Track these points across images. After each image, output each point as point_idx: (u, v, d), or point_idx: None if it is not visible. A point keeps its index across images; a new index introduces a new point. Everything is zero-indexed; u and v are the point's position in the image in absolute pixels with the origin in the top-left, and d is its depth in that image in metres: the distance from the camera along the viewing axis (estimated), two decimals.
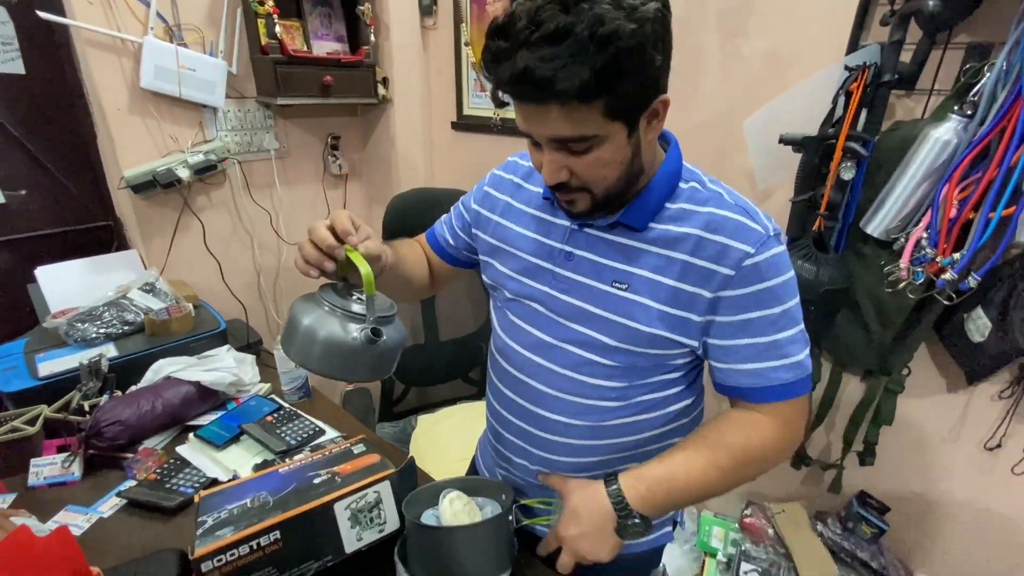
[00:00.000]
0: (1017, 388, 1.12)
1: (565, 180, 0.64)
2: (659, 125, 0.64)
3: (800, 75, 1.17)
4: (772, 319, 0.65)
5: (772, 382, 0.67)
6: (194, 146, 1.53)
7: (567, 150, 0.61)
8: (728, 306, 0.66)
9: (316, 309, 0.65)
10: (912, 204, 1.00)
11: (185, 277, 1.58)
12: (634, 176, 0.66)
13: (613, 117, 0.58)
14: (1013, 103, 0.87)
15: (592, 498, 0.71)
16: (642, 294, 0.68)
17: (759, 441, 0.69)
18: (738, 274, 0.64)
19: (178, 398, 1.17)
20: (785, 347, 0.66)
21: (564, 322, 0.75)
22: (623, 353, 0.71)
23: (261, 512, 0.77)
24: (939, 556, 1.36)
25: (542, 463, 0.83)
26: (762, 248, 0.64)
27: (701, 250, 0.66)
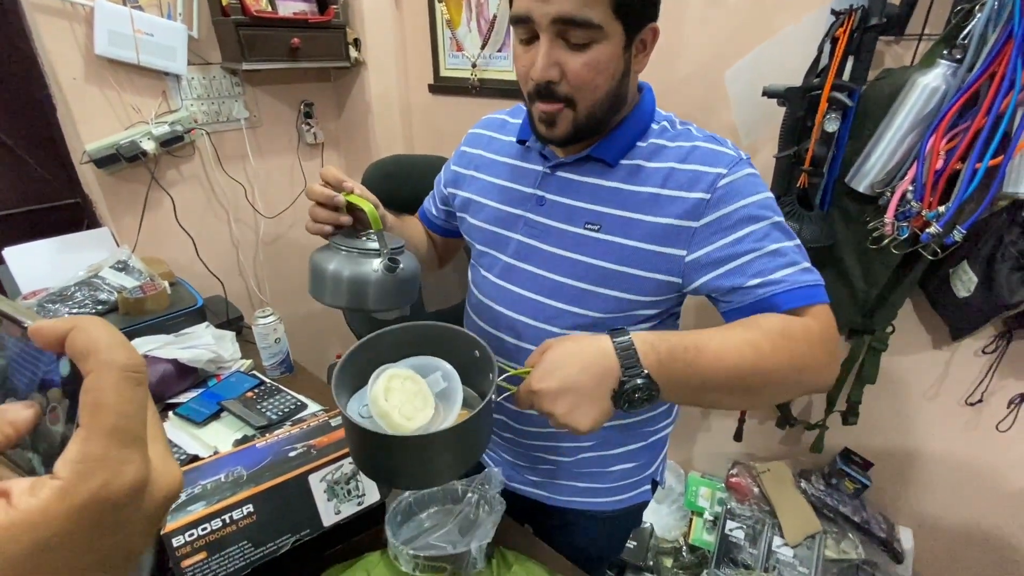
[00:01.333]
0: (1001, 343, 1.11)
1: (556, 79, 0.61)
2: (645, 59, 0.65)
3: (787, 21, 1.11)
4: (764, 231, 0.62)
5: (793, 285, 0.59)
6: (158, 117, 1.47)
7: (565, 41, 0.60)
8: (712, 231, 0.63)
9: (335, 255, 0.69)
10: (899, 156, 0.97)
11: (159, 254, 1.54)
12: (618, 102, 0.66)
13: (618, 13, 0.58)
14: (1004, 45, 0.83)
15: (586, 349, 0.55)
16: (615, 233, 0.68)
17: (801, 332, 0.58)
18: (714, 195, 0.63)
19: (155, 376, 1.15)
20: (789, 254, 0.61)
21: (537, 271, 0.74)
22: (599, 298, 0.70)
23: (235, 486, 0.76)
24: (921, 509, 1.38)
25: (520, 419, 0.83)
26: (735, 168, 0.63)
27: (672, 180, 0.65)
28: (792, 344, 0.57)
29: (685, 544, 1.55)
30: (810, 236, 1.01)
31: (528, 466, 0.88)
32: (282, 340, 1.27)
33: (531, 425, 0.82)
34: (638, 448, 0.84)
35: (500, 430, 0.88)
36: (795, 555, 1.36)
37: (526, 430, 0.83)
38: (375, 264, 0.67)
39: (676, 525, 1.59)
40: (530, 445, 0.85)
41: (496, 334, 0.81)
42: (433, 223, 0.97)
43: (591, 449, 0.83)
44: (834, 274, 1.14)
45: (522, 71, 0.64)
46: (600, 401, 0.54)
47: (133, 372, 0.23)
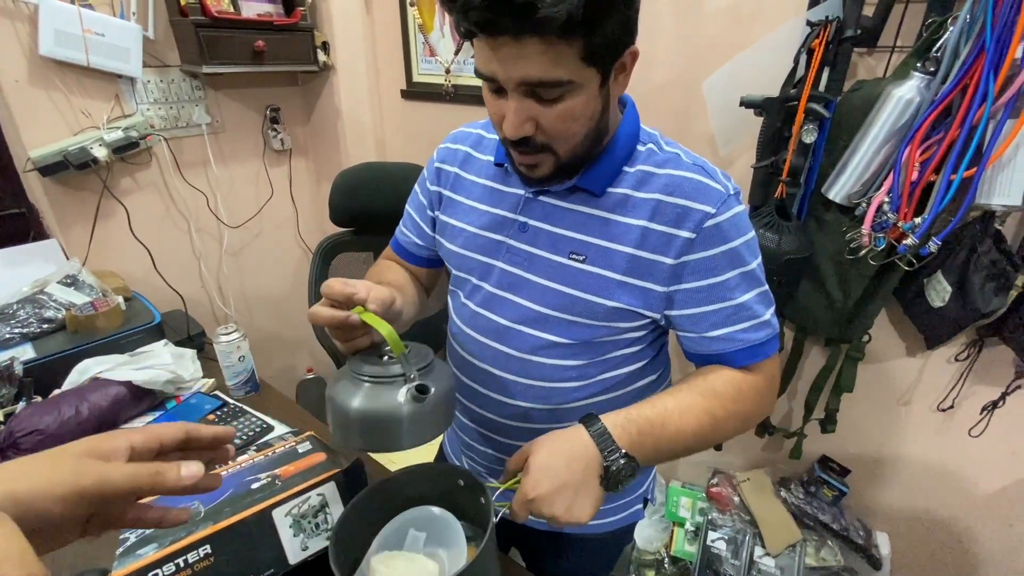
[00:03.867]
0: (972, 350, 1.13)
1: (530, 134, 0.58)
2: (625, 81, 0.61)
3: (763, 31, 1.11)
4: (736, 281, 0.63)
5: (744, 344, 0.65)
6: (111, 122, 1.38)
7: (535, 97, 0.55)
8: (692, 271, 0.63)
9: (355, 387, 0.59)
10: (874, 167, 0.97)
11: (113, 267, 1.45)
12: (600, 135, 0.62)
13: (589, 61, 0.53)
14: (976, 59, 0.84)
15: (567, 445, 0.59)
16: (600, 265, 0.65)
17: (750, 394, 0.66)
18: (699, 236, 0.61)
19: (107, 400, 1.07)
20: (752, 308, 0.64)
21: (519, 300, 0.71)
22: (582, 328, 0.68)
23: (190, 524, 0.70)
24: (897, 514, 1.40)
25: (502, 449, 0.80)
26: (723, 207, 0.61)
27: (660, 214, 0.63)
28: (742, 406, 0.66)
29: (667, 556, 1.53)
30: (788, 247, 1.01)
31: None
32: (247, 357, 1.20)
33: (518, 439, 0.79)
34: None
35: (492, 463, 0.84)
36: (776, 565, 1.36)
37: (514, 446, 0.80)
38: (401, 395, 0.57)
39: (658, 536, 1.58)
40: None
41: (481, 366, 0.77)
42: (417, 256, 0.88)
43: None
44: (811, 284, 1.14)
45: (494, 118, 0.60)
46: (592, 490, 0.58)
47: None
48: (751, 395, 0.66)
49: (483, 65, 0.55)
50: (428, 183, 0.82)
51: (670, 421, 0.62)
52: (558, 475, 0.57)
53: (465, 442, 0.86)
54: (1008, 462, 1.21)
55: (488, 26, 0.50)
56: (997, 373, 1.13)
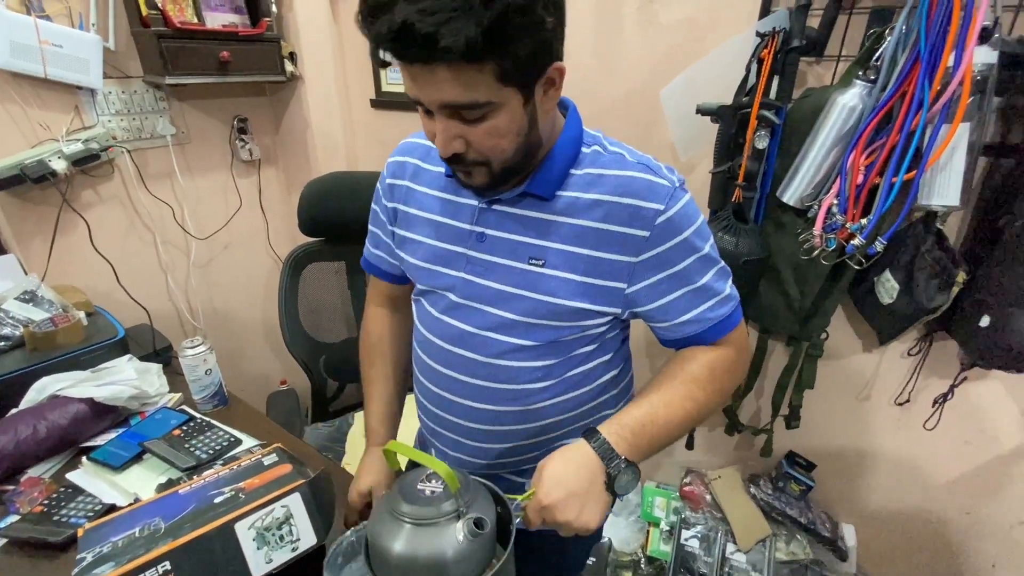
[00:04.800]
0: (924, 344, 1.17)
1: (461, 151, 0.60)
2: (556, 94, 0.62)
3: (718, 41, 1.15)
4: (694, 267, 0.67)
5: (713, 321, 0.70)
6: (70, 134, 1.36)
7: (460, 118, 0.57)
8: (652, 266, 0.66)
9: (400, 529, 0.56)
10: (824, 171, 1.01)
11: (75, 282, 1.42)
12: (533, 147, 0.64)
13: (506, 82, 0.54)
14: (912, 67, 0.88)
15: (571, 457, 0.64)
16: (560, 268, 0.67)
17: (724, 370, 0.72)
18: (653, 232, 0.64)
19: (66, 418, 1.05)
20: (713, 286, 0.69)
21: (484, 308, 0.72)
22: (547, 330, 0.70)
23: (150, 541, 0.69)
24: (862, 506, 1.44)
25: (475, 453, 0.81)
26: (671, 202, 0.64)
27: (613, 215, 0.65)
28: (719, 383, 0.71)
29: (643, 556, 1.55)
30: (746, 249, 1.04)
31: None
32: (214, 371, 1.18)
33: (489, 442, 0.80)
34: None
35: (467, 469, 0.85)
36: (748, 560, 1.39)
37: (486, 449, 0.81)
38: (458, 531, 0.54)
39: (634, 537, 1.60)
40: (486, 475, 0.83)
41: (448, 373, 0.77)
42: (392, 275, 0.89)
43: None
44: (771, 284, 1.18)
45: (428, 136, 0.62)
46: (600, 495, 0.63)
47: None
48: (725, 369, 0.72)
49: (408, 89, 0.58)
50: (384, 200, 0.83)
51: (658, 416, 0.67)
52: (568, 484, 0.62)
53: (438, 448, 0.87)
54: (962, 452, 1.26)
55: (398, 56, 0.52)
56: (947, 366, 1.18)
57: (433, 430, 0.85)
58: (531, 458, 0.80)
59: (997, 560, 1.31)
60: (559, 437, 0.79)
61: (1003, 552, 1.30)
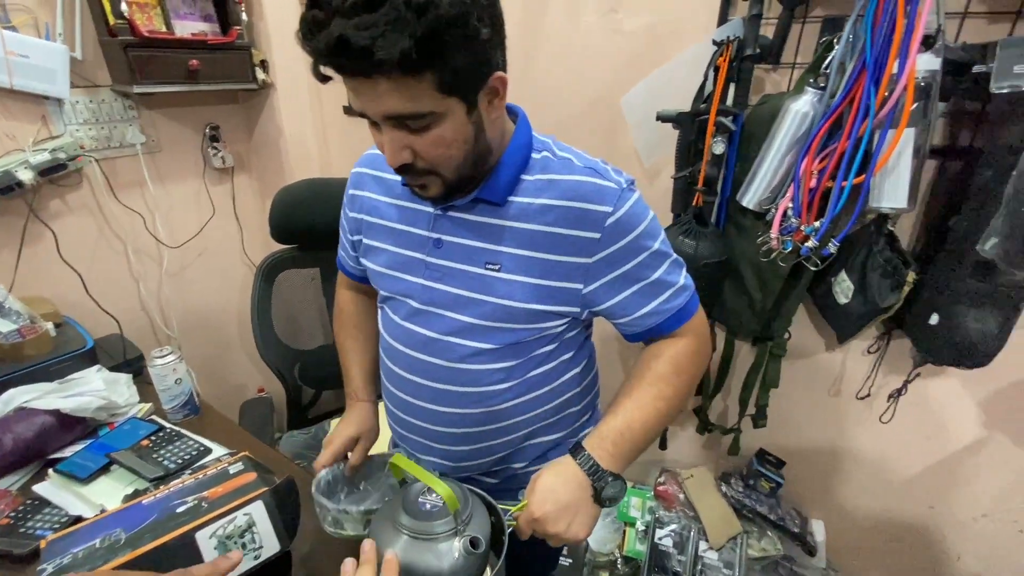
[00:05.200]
0: (882, 342, 1.21)
1: (409, 161, 0.61)
2: (500, 103, 0.64)
3: (679, 49, 1.18)
4: (646, 262, 0.69)
5: (670, 312, 0.72)
6: (37, 144, 1.35)
7: (406, 128, 0.58)
8: (605, 266, 0.68)
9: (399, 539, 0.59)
10: (780, 175, 1.04)
11: (43, 292, 1.40)
12: (482, 155, 0.65)
13: (447, 92, 0.56)
14: (859, 74, 0.92)
15: (559, 471, 0.68)
16: (515, 272, 0.69)
17: (687, 361, 0.74)
18: (604, 234, 0.66)
19: (32, 431, 1.04)
20: (666, 279, 0.71)
21: (443, 313, 0.73)
22: (506, 332, 0.72)
23: (110, 552, 0.69)
24: (829, 501, 1.47)
25: (444, 456, 0.82)
26: (619, 203, 0.66)
27: (563, 219, 0.67)
28: (685, 376, 0.73)
29: (620, 556, 1.57)
30: (706, 252, 1.07)
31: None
32: (184, 380, 1.18)
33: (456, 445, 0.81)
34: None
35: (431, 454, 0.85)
36: (720, 558, 1.41)
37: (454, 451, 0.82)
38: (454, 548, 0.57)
39: (611, 538, 1.61)
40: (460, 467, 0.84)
41: (411, 378, 0.79)
42: (362, 278, 0.91)
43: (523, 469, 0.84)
44: (734, 286, 1.20)
45: (378, 147, 0.63)
46: (587, 507, 0.67)
47: None
48: (688, 360, 0.74)
49: (352, 102, 0.59)
50: (347, 210, 0.85)
51: (634, 422, 0.70)
52: (559, 498, 0.65)
53: (408, 452, 0.88)
54: (924, 447, 1.29)
55: (338, 70, 0.54)
56: (905, 363, 1.22)
57: (402, 435, 0.86)
58: (499, 459, 0.81)
59: (962, 552, 1.35)
60: (526, 436, 0.81)
61: (966, 544, 1.33)
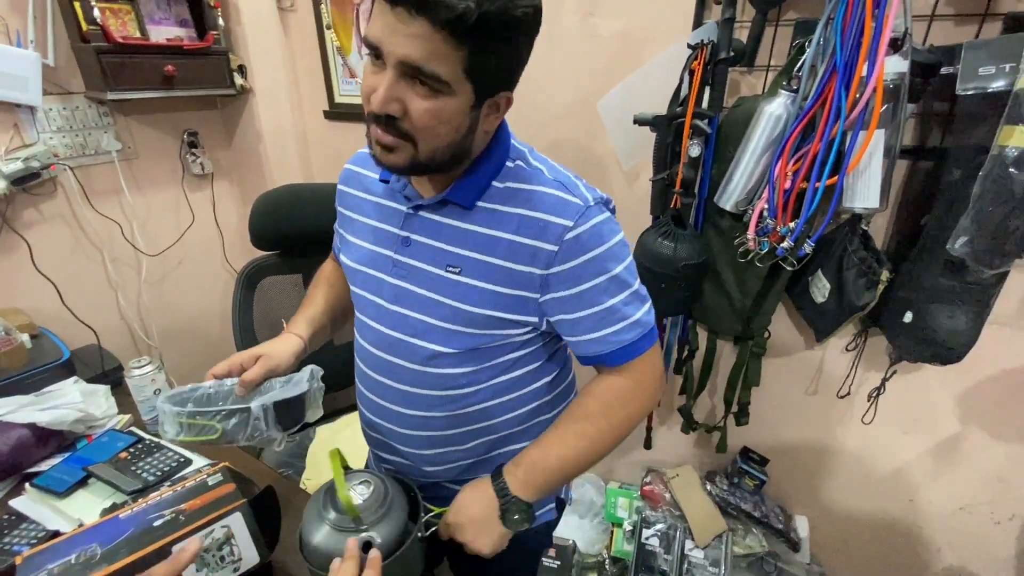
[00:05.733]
0: (860, 340, 1.22)
1: (396, 115, 0.58)
2: (496, 121, 0.66)
3: (654, 53, 1.19)
4: (603, 287, 0.67)
5: (617, 345, 0.70)
6: (9, 152, 1.32)
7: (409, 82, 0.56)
8: (559, 281, 0.67)
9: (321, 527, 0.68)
10: (756, 177, 1.05)
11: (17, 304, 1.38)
12: (461, 153, 0.65)
13: (468, 76, 0.56)
14: (830, 77, 0.93)
15: (478, 488, 0.74)
16: (475, 277, 0.69)
17: (617, 402, 0.73)
18: (561, 248, 0.65)
19: (8, 445, 1.02)
20: (621, 310, 0.69)
21: (408, 313, 0.74)
22: (465, 336, 0.71)
23: (85, 568, 0.68)
24: (813, 498, 1.49)
25: (411, 458, 0.82)
26: (581, 219, 0.65)
27: (525, 228, 0.66)
28: (613, 417, 0.73)
29: (608, 557, 1.57)
30: (684, 254, 1.07)
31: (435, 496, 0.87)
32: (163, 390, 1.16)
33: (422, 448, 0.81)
34: None
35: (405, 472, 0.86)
36: (705, 556, 1.42)
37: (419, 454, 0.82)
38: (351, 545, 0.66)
39: (598, 539, 1.62)
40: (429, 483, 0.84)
41: (378, 378, 0.79)
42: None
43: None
44: (714, 287, 1.21)
45: (366, 91, 0.60)
46: (493, 526, 0.72)
47: None
48: (619, 402, 0.73)
49: (373, 31, 0.56)
50: (337, 204, 0.86)
51: (551, 453, 0.73)
52: (469, 512, 0.73)
53: (377, 455, 0.89)
54: (901, 442, 1.32)
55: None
56: (883, 360, 1.23)
57: (371, 436, 0.87)
58: (467, 467, 0.82)
59: (941, 544, 1.37)
60: (493, 444, 0.81)
61: (946, 537, 1.36)
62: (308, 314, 0.89)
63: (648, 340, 0.72)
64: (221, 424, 0.70)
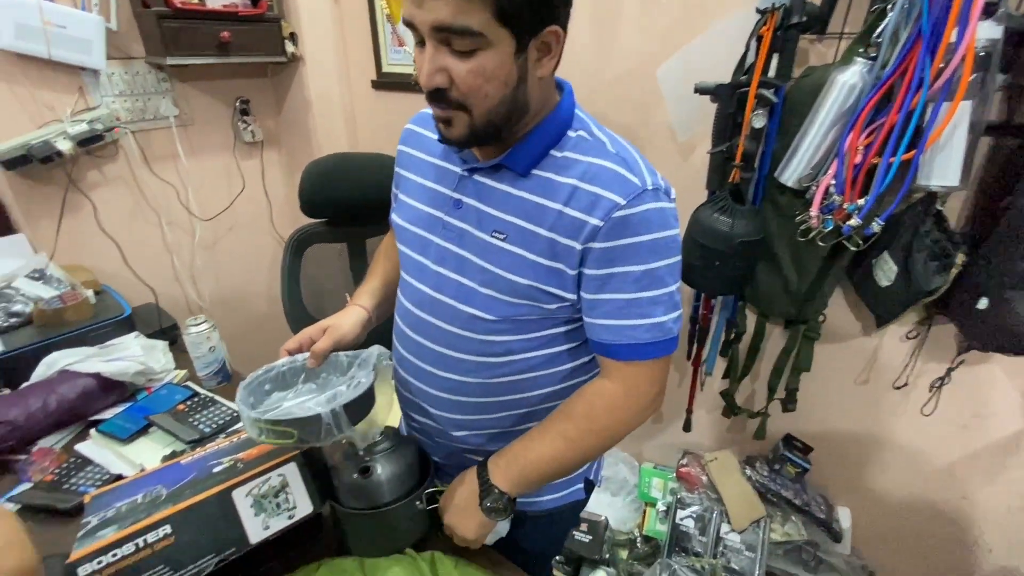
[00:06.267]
0: (922, 328, 1.17)
1: (443, 86, 0.59)
2: (550, 63, 0.62)
3: (717, 18, 1.13)
4: (636, 276, 0.64)
5: (628, 340, 0.67)
6: (75, 115, 1.38)
7: (449, 48, 0.56)
8: (595, 258, 0.65)
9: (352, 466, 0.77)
10: (823, 151, 1.00)
11: (83, 261, 1.45)
12: (517, 109, 0.63)
13: (501, 21, 0.54)
14: (913, 44, 0.87)
15: (466, 475, 0.76)
16: (519, 245, 0.68)
17: (603, 408, 0.71)
18: (606, 225, 0.62)
19: (75, 392, 1.08)
20: (646, 307, 0.65)
21: (450, 275, 0.73)
22: (504, 304, 0.70)
23: (151, 507, 0.72)
24: (857, 490, 1.45)
25: (441, 422, 0.83)
26: (635, 201, 0.62)
27: (576, 200, 0.64)
28: (596, 422, 0.71)
29: (639, 535, 1.57)
30: (742, 230, 1.04)
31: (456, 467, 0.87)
32: (217, 348, 1.21)
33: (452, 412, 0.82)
34: None
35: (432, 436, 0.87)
36: (742, 540, 1.40)
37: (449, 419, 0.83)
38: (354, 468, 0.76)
39: (630, 517, 1.62)
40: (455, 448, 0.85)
41: (415, 337, 0.79)
42: None
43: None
44: (769, 267, 1.17)
45: (417, 71, 0.61)
46: (473, 513, 0.74)
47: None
48: (604, 410, 0.71)
49: (405, 11, 0.57)
50: (396, 165, 0.86)
51: (531, 450, 0.73)
52: (456, 499, 0.76)
53: (408, 414, 0.90)
54: (958, 436, 1.26)
55: None
56: (946, 350, 1.17)
57: (404, 397, 0.88)
58: (492, 435, 0.81)
59: (993, 544, 1.32)
60: (522, 417, 0.80)
61: (999, 537, 1.30)
62: (371, 286, 0.91)
63: (662, 348, 0.68)
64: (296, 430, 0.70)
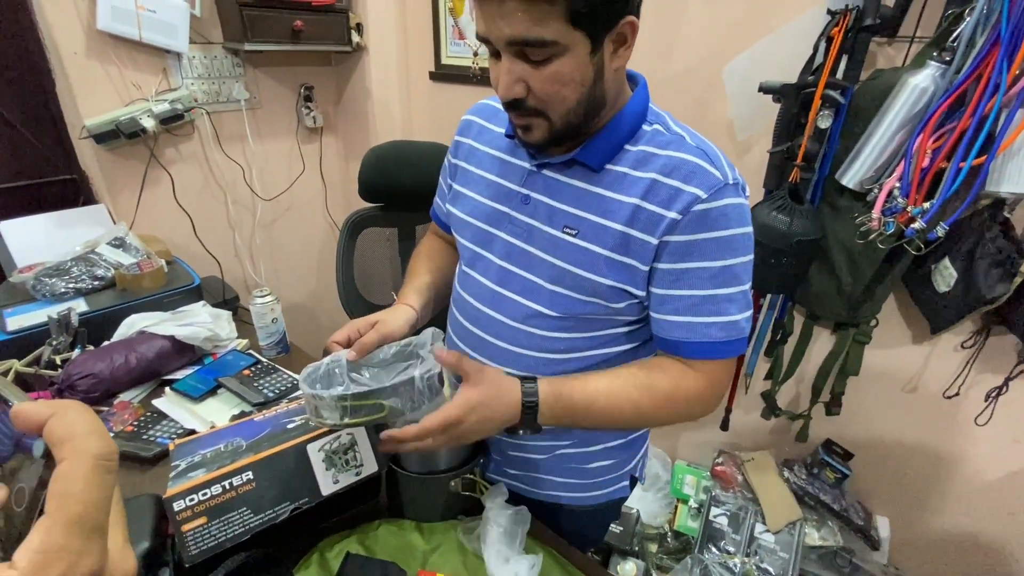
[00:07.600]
0: (979, 338, 1.15)
1: (521, 96, 0.59)
2: (626, 53, 0.61)
3: (785, 19, 1.14)
4: (712, 272, 0.63)
5: (703, 338, 0.65)
6: (159, 95, 1.47)
7: (525, 58, 0.57)
8: (671, 252, 0.63)
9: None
10: (887, 154, 1.00)
11: (156, 232, 1.54)
12: (595, 105, 0.62)
13: (576, 24, 0.54)
14: (991, 49, 0.86)
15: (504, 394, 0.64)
16: (590, 240, 0.66)
17: (684, 393, 0.68)
18: (685, 219, 0.61)
19: (152, 352, 1.16)
20: (721, 304, 0.64)
21: (515, 270, 0.73)
22: (571, 301, 0.70)
23: (234, 455, 0.77)
24: (898, 499, 1.43)
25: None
26: (715, 195, 0.61)
27: (654, 194, 0.63)
28: (671, 406, 0.68)
29: (670, 530, 1.59)
30: (800, 229, 1.04)
31: (503, 459, 0.89)
32: (279, 320, 1.28)
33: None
34: (616, 446, 0.85)
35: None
36: (776, 541, 1.40)
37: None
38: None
39: (661, 512, 1.63)
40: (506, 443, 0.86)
41: (474, 331, 0.80)
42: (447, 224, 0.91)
43: (569, 447, 0.84)
44: (822, 269, 1.17)
45: (493, 82, 0.62)
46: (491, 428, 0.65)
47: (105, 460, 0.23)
48: (686, 397, 0.68)
49: (479, 29, 0.58)
50: (450, 155, 0.86)
51: (596, 404, 0.66)
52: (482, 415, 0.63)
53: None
54: (1011, 450, 1.23)
55: None
56: (1003, 360, 1.15)
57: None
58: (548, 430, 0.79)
59: None
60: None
61: None
62: (416, 285, 0.88)
63: (735, 347, 0.66)
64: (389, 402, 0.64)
